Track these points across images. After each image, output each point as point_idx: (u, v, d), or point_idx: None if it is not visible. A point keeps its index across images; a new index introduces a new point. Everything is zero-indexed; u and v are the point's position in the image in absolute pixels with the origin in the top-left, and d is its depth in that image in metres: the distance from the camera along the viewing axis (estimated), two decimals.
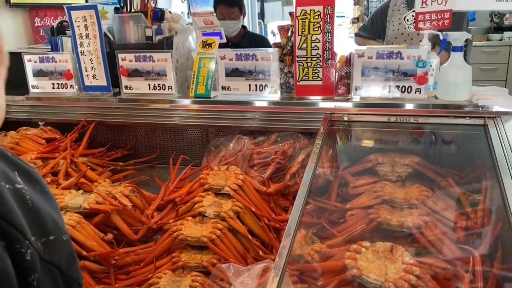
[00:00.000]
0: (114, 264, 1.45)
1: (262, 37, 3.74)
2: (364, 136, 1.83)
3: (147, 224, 1.56)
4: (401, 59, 1.65)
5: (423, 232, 1.33)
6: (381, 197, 1.49)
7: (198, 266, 1.34)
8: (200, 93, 1.92)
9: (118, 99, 2.08)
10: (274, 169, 1.73)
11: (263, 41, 3.15)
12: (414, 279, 1.09)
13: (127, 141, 2.23)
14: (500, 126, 1.51)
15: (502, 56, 5.35)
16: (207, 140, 2.04)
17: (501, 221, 1.24)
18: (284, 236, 1.17)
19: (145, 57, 2.00)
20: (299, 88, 1.81)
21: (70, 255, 0.56)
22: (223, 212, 1.44)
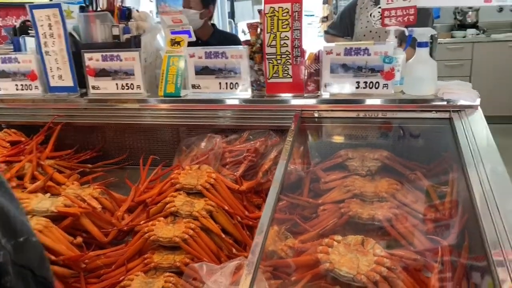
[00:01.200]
0: (84, 268, 1.41)
1: (232, 35, 3.73)
2: (334, 132, 1.85)
3: (118, 226, 1.53)
4: (368, 55, 1.67)
5: (393, 225, 1.36)
6: (352, 192, 1.51)
7: (171, 267, 1.33)
8: (169, 92, 1.89)
9: (85, 100, 2.03)
10: (246, 167, 1.72)
11: (234, 39, 3.13)
12: (385, 270, 1.11)
13: (96, 142, 2.18)
14: (465, 119, 1.56)
15: (465, 52, 5.52)
16: (178, 140, 2.02)
17: (467, 211, 1.28)
18: (257, 233, 1.17)
19: (112, 57, 1.96)
20: (270, 85, 1.81)
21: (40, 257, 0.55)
22: (196, 211, 1.43)
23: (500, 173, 1.30)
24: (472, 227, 1.21)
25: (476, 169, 1.32)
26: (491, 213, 1.14)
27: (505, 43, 5.30)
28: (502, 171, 1.31)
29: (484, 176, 1.28)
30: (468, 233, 1.26)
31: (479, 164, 1.34)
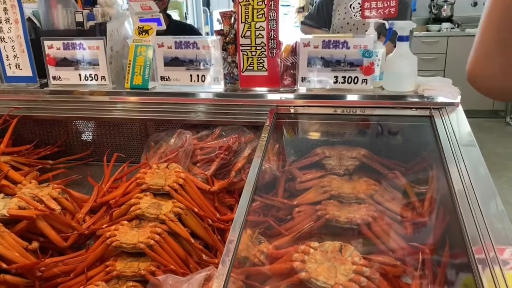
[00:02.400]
0: (40, 276, 1.29)
1: (189, 25, 3.60)
2: (311, 128, 1.77)
3: (78, 230, 1.41)
4: (347, 48, 1.59)
5: (372, 228, 1.29)
6: (329, 192, 1.44)
7: (135, 275, 1.22)
8: (136, 84, 1.77)
9: (45, 91, 1.89)
10: (218, 166, 1.63)
11: (190, 30, 3.01)
12: (364, 280, 1.04)
13: (57, 137, 2.04)
14: (445, 117, 1.50)
15: (440, 46, 5.55)
16: (146, 135, 1.90)
17: (448, 211, 1.23)
18: (227, 242, 1.08)
19: (74, 45, 1.82)
20: (244, 79, 1.71)
21: None
22: (163, 214, 1.33)
23: (481, 172, 1.26)
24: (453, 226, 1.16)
25: (457, 167, 1.27)
26: (472, 211, 1.10)
27: None
28: (484, 169, 1.27)
29: (466, 174, 1.24)
30: (449, 234, 1.21)
31: (460, 162, 1.29)
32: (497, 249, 0.99)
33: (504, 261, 0.96)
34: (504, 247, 1.00)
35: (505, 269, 0.94)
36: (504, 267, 0.95)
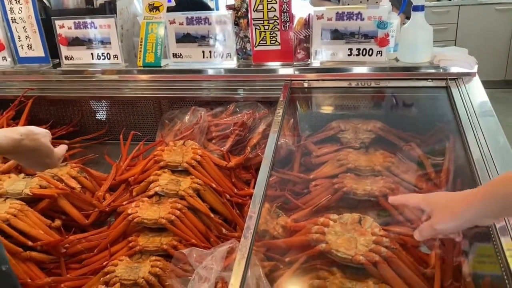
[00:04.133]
0: (65, 253, 1.33)
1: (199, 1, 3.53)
2: (326, 102, 1.76)
3: (99, 207, 1.44)
4: (362, 20, 1.57)
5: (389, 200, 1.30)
6: (345, 166, 1.44)
7: (158, 250, 1.25)
8: (149, 62, 1.77)
9: (58, 71, 1.89)
10: (233, 142, 1.64)
11: (201, 5, 2.96)
12: (384, 251, 1.05)
13: (72, 116, 2.05)
14: (462, 87, 1.49)
15: (451, 16, 5.42)
16: (160, 113, 1.91)
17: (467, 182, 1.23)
18: (248, 216, 1.09)
19: (85, 24, 1.81)
20: (257, 53, 1.70)
21: None
22: (182, 190, 1.35)
23: (500, 141, 1.25)
24: None
25: (475, 137, 1.27)
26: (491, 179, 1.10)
27: (491, 6, 5.21)
28: (502, 138, 1.27)
29: (484, 144, 1.24)
30: None
31: (479, 132, 1.29)
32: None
33: None
34: None
35: None
36: None
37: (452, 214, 0.86)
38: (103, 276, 1.20)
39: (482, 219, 0.85)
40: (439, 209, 0.89)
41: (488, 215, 0.84)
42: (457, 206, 0.86)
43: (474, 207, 0.83)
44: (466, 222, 0.86)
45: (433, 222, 0.89)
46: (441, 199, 0.90)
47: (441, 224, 0.88)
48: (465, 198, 0.85)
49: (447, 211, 0.87)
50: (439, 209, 0.89)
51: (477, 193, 0.84)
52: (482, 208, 0.82)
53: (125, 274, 1.18)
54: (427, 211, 0.92)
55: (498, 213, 0.86)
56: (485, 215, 0.84)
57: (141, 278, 1.16)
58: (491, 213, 0.83)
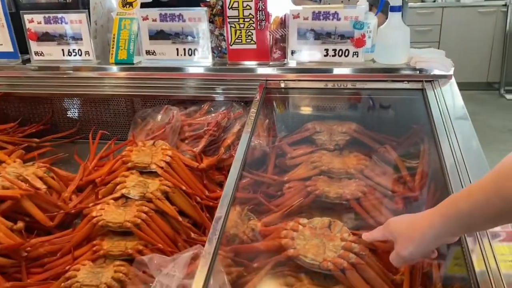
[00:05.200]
0: (26, 257, 1.27)
1: None
2: (302, 103, 1.73)
3: (64, 209, 1.39)
4: (338, 20, 1.54)
5: (361, 204, 1.28)
6: (319, 168, 1.41)
7: (122, 254, 1.21)
8: (121, 59, 1.72)
9: (28, 67, 1.83)
10: (207, 142, 1.60)
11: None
12: (353, 257, 1.03)
13: (42, 114, 1.99)
14: (438, 89, 1.47)
15: (435, 17, 5.46)
16: (133, 112, 1.86)
17: (439, 185, 1.21)
18: (214, 219, 1.06)
19: (56, 19, 1.75)
20: (232, 52, 1.66)
21: None
22: (149, 192, 1.30)
23: (473, 146, 1.24)
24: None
25: (449, 142, 1.26)
26: (463, 186, 1.09)
27: (474, 9, 5.25)
28: (476, 143, 1.26)
29: (457, 149, 1.23)
30: None
31: (452, 136, 1.28)
32: None
33: (493, 234, 0.95)
34: None
35: (493, 242, 0.93)
36: (493, 240, 0.94)
37: (413, 241, 0.84)
38: (64, 281, 1.15)
39: (444, 238, 0.84)
40: (401, 236, 0.87)
41: (448, 234, 0.82)
42: (417, 231, 0.83)
43: (433, 230, 0.81)
44: (429, 244, 0.84)
45: (397, 250, 0.88)
46: (401, 225, 0.88)
47: (405, 251, 0.86)
48: (424, 220, 0.83)
49: (408, 237, 0.85)
50: (401, 236, 0.87)
51: (434, 214, 0.81)
52: (442, 229, 0.80)
53: (87, 280, 1.13)
54: (392, 239, 0.91)
55: (458, 231, 0.84)
56: (445, 235, 0.82)
57: (103, 283, 1.12)
58: (451, 232, 0.81)
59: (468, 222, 0.77)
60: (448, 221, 0.78)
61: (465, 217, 0.76)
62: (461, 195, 0.78)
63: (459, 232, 0.85)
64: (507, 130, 4.43)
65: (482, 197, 0.72)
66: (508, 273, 0.86)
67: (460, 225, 0.78)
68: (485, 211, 0.73)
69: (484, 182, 0.73)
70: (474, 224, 0.78)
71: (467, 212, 0.75)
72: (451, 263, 1.08)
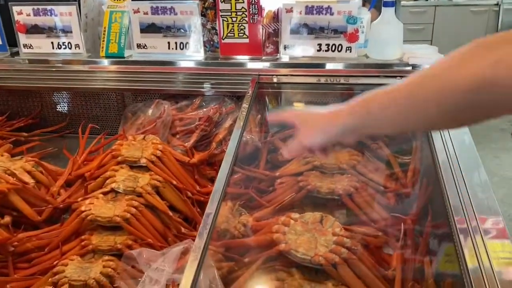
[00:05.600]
0: (13, 252, 1.25)
1: None
2: (294, 98, 1.72)
3: (52, 204, 1.36)
4: (331, 14, 1.53)
5: (353, 199, 1.27)
6: (311, 163, 1.40)
7: (111, 249, 1.19)
8: (112, 52, 1.69)
9: (17, 60, 1.80)
10: (198, 137, 1.58)
11: None
12: (345, 252, 1.02)
13: (31, 108, 1.96)
14: None
15: (428, 16, 5.47)
16: (123, 106, 1.83)
17: (431, 181, 1.21)
18: (205, 214, 1.05)
19: (45, 11, 1.73)
20: (224, 46, 1.64)
21: None
22: (140, 187, 1.29)
23: (466, 141, 1.24)
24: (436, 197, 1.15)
25: (441, 137, 1.25)
26: (456, 181, 1.08)
27: (467, 7, 5.28)
28: (468, 138, 1.25)
29: (450, 144, 1.22)
30: (431, 204, 1.20)
31: (445, 132, 1.27)
32: (479, 219, 0.98)
33: (486, 230, 0.95)
34: (486, 217, 0.99)
35: (486, 239, 0.93)
36: (485, 237, 0.93)
37: (318, 130, 0.82)
38: (52, 276, 1.13)
39: (349, 134, 0.80)
40: (307, 123, 0.85)
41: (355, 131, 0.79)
42: (326, 122, 0.81)
43: (342, 124, 0.78)
44: (332, 136, 0.81)
45: (301, 137, 0.86)
46: (312, 115, 0.86)
47: (308, 139, 0.84)
48: (335, 113, 0.81)
49: (314, 126, 0.83)
50: (307, 123, 0.85)
51: (346, 109, 0.79)
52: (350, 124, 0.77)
53: (75, 275, 1.11)
54: (297, 125, 0.88)
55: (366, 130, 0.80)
56: (352, 130, 0.79)
57: (91, 279, 1.10)
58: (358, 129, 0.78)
59: (376, 122, 0.75)
60: (359, 118, 0.76)
61: (374, 116, 0.75)
62: (376, 94, 0.75)
63: (366, 130, 0.81)
64: (499, 129, 4.46)
65: (391, 99, 0.72)
66: (501, 270, 0.86)
67: (369, 124, 0.76)
68: (394, 113, 0.72)
69: (403, 84, 0.72)
70: (382, 125, 0.76)
71: (377, 111, 0.73)
72: (442, 259, 1.08)
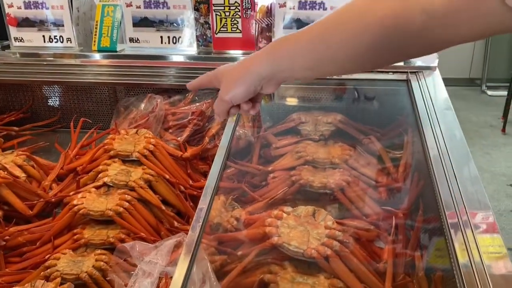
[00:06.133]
0: (4, 246, 1.24)
1: None
2: (287, 93, 1.73)
3: (44, 197, 1.36)
4: (324, 9, 1.54)
5: (345, 192, 1.28)
6: (304, 158, 1.41)
7: (104, 243, 1.19)
8: (104, 46, 1.68)
9: (7, 53, 1.78)
10: (191, 132, 1.58)
11: None
12: (337, 244, 1.03)
13: (23, 102, 1.94)
14: (422, 81, 1.48)
15: None
16: (115, 100, 1.83)
17: (423, 176, 1.22)
18: (198, 208, 1.05)
19: (36, 4, 1.71)
20: (217, 41, 1.64)
21: None
22: (132, 181, 1.28)
23: (456, 136, 1.25)
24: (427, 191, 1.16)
25: (433, 132, 1.26)
26: (447, 176, 1.09)
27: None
28: (459, 133, 1.26)
29: (441, 139, 1.23)
30: (423, 198, 1.21)
31: (436, 127, 1.28)
32: (470, 214, 0.99)
33: (476, 225, 0.96)
34: (477, 212, 1.00)
35: (476, 233, 0.94)
36: (476, 231, 0.94)
37: (236, 81, 0.77)
38: (44, 270, 1.13)
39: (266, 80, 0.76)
40: (226, 78, 0.80)
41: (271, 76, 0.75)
42: (242, 71, 0.77)
43: (257, 69, 0.75)
44: (250, 85, 0.76)
45: (221, 94, 0.81)
46: (227, 69, 0.81)
47: (228, 93, 0.78)
48: (250, 61, 0.77)
49: (232, 79, 0.78)
50: (226, 78, 0.80)
51: (261, 54, 0.76)
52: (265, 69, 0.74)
53: (67, 268, 1.11)
54: (217, 85, 0.83)
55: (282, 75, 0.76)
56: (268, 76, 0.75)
57: (84, 272, 1.10)
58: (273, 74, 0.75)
59: (291, 64, 0.72)
60: (273, 62, 0.74)
61: (289, 59, 0.72)
62: (290, 38, 0.73)
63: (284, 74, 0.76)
64: (489, 126, 4.50)
65: (307, 42, 0.69)
66: (490, 264, 0.87)
67: (284, 69, 0.74)
68: (307, 57, 0.70)
69: (315, 27, 0.70)
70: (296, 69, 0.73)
71: (292, 55, 0.71)
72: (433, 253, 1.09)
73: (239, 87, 0.77)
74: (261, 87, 0.78)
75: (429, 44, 0.60)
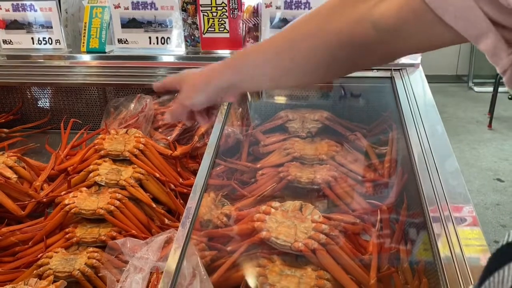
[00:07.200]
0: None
1: None
2: (275, 92, 1.75)
3: (35, 198, 1.37)
4: (309, 9, 1.57)
5: (332, 188, 1.31)
6: (291, 154, 1.44)
7: (96, 241, 1.21)
8: (93, 47, 1.70)
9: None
10: (181, 131, 1.60)
11: None
12: (323, 238, 1.06)
13: (12, 104, 1.95)
14: (406, 78, 1.51)
15: None
16: (105, 101, 1.84)
17: (406, 171, 1.25)
18: (188, 204, 1.07)
19: (25, 6, 1.72)
20: (205, 41, 1.67)
21: None
22: (123, 180, 1.31)
23: (438, 131, 1.28)
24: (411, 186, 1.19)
25: (416, 128, 1.29)
26: (429, 171, 1.12)
27: None
28: (441, 128, 1.30)
29: (424, 135, 1.26)
30: (406, 193, 1.24)
31: (419, 123, 1.31)
32: (451, 207, 1.02)
33: (457, 218, 1.00)
34: (458, 205, 1.04)
35: (458, 226, 0.97)
36: (457, 225, 0.98)
37: (197, 89, 0.79)
38: (36, 268, 1.15)
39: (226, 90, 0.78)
40: (187, 84, 0.82)
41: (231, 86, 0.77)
42: (203, 80, 0.79)
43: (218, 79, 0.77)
44: (211, 94, 0.78)
45: (182, 99, 0.82)
46: (190, 75, 0.82)
47: (188, 99, 0.80)
48: (212, 70, 0.79)
49: (193, 86, 0.80)
50: (187, 84, 0.82)
51: (223, 65, 0.78)
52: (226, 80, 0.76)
53: (60, 266, 1.13)
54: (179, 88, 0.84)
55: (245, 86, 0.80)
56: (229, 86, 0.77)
57: (76, 270, 1.12)
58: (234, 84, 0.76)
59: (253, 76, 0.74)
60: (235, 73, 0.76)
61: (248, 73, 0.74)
62: (253, 50, 0.75)
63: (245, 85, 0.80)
64: (475, 122, 4.57)
65: (272, 54, 0.70)
66: (472, 256, 0.90)
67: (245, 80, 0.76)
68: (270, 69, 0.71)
69: (277, 40, 0.71)
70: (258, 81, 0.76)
71: (251, 68, 0.73)
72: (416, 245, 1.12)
73: (199, 96, 0.79)
74: (221, 97, 0.80)
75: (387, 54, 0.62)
